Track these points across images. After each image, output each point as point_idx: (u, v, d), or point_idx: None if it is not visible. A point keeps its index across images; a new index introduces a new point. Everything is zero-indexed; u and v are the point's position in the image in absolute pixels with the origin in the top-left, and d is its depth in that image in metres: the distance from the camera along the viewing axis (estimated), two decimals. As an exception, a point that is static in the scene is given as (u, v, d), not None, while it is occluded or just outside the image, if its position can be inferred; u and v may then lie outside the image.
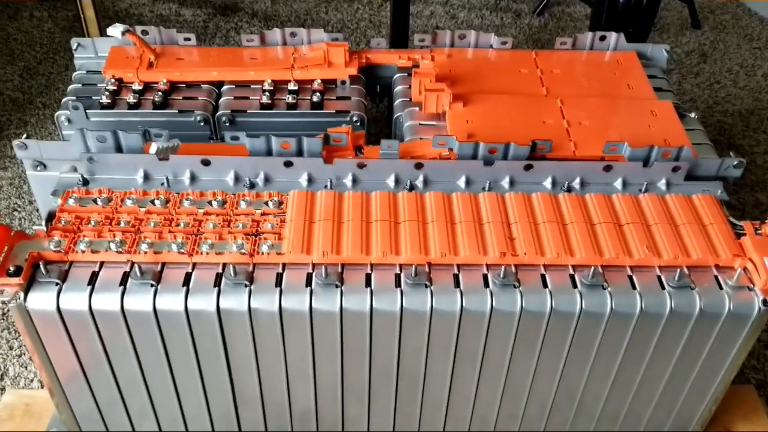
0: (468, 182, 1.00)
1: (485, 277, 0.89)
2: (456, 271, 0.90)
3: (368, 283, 0.89)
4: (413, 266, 0.88)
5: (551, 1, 2.23)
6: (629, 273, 0.90)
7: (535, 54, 1.25)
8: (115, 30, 1.18)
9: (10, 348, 1.28)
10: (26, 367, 1.25)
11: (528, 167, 0.99)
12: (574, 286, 0.88)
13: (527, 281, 0.89)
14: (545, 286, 0.88)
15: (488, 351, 0.92)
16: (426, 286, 0.88)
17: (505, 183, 1.00)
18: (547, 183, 1.00)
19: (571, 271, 0.90)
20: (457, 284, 0.88)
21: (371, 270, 0.90)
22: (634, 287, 0.88)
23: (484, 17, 2.21)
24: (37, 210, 1.54)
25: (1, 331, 1.31)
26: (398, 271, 0.90)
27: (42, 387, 1.23)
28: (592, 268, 0.88)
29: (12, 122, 1.79)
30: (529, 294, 0.88)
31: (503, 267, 0.88)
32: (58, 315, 0.88)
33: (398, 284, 0.88)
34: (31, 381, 1.24)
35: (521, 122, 1.09)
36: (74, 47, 1.27)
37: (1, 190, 1.61)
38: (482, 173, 1.00)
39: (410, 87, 1.20)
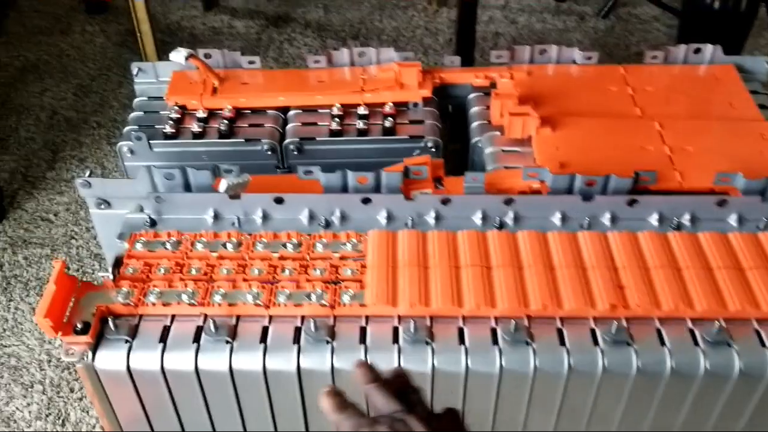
0: (564, 219, 0.91)
1: (593, 332, 0.80)
2: (559, 325, 0.81)
3: (461, 340, 0.80)
4: (512, 320, 0.80)
5: (617, 2, 2.11)
6: (756, 327, 0.80)
7: (623, 69, 1.15)
8: (178, 55, 1.12)
9: (71, 390, 1.24)
10: (88, 412, 1.21)
11: (632, 202, 0.90)
12: (695, 343, 0.79)
13: (641, 338, 0.79)
14: (662, 343, 0.79)
15: (596, 412, 0.84)
16: (527, 343, 0.79)
17: (606, 220, 0.91)
18: (653, 219, 0.91)
19: (690, 325, 0.80)
20: (562, 341, 0.80)
21: (464, 323, 0.82)
22: (763, 344, 0.78)
23: (546, 21, 2.11)
24: (95, 238, 1.50)
25: (62, 372, 1.27)
26: (494, 325, 0.81)
27: (105, 432, 1.18)
28: (715, 322, 0.78)
29: (67, 143, 1.75)
30: (644, 352, 0.78)
31: (614, 322, 0.79)
32: (128, 374, 0.82)
33: (495, 341, 0.80)
34: (93, 427, 1.19)
35: (617, 149, 0.99)
36: (134, 72, 1.21)
37: (58, 217, 1.57)
38: (580, 209, 0.91)
39: (488, 108, 1.11)
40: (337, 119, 1.11)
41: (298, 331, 0.82)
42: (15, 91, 1.92)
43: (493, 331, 0.81)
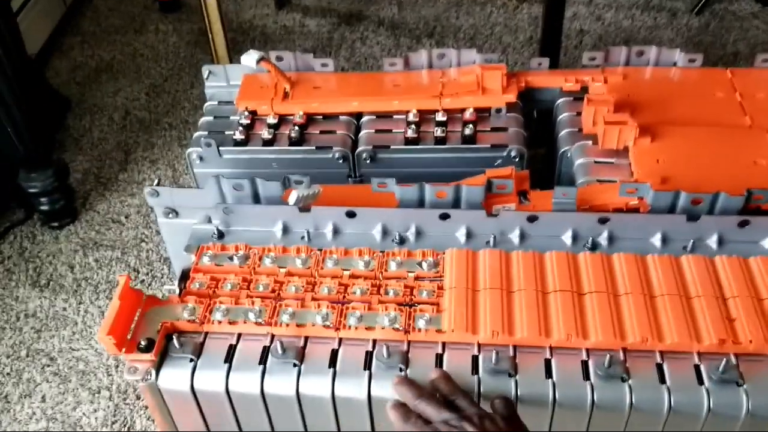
0: (665, 240, 0.83)
1: (698, 369, 0.72)
2: (659, 360, 0.73)
3: (549, 373, 0.73)
4: (606, 353, 0.72)
5: (711, -4, 1.97)
6: None
7: (730, 73, 1.05)
8: (250, 58, 1.08)
9: (138, 398, 1.22)
10: (154, 421, 1.18)
11: (743, 223, 0.80)
12: (819, 385, 0.69)
13: (754, 377, 0.70)
14: (779, 384, 0.70)
15: (698, 458, 0.75)
16: (623, 379, 0.71)
17: (713, 242, 0.82)
18: (767, 243, 0.81)
19: (812, 366, 0.71)
20: (662, 378, 0.71)
21: (551, 355, 0.74)
22: None
23: (635, 18, 1.99)
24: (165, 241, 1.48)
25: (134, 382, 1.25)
26: (585, 358, 0.74)
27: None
28: (844, 364, 0.69)
29: (139, 144, 1.75)
30: (756, 393, 0.69)
31: (723, 358, 0.70)
32: (191, 394, 0.78)
33: (587, 376, 0.72)
34: (160, 438, 1.16)
35: (726, 163, 0.90)
36: (205, 75, 1.18)
37: (129, 219, 1.56)
38: (683, 230, 0.82)
39: (579, 115, 1.03)
40: (413, 126, 1.05)
41: (369, 355, 0.77)
42: (90, 91, 1.93)
43: (585, 365, 0.73)
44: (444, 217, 0.86)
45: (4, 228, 1.56)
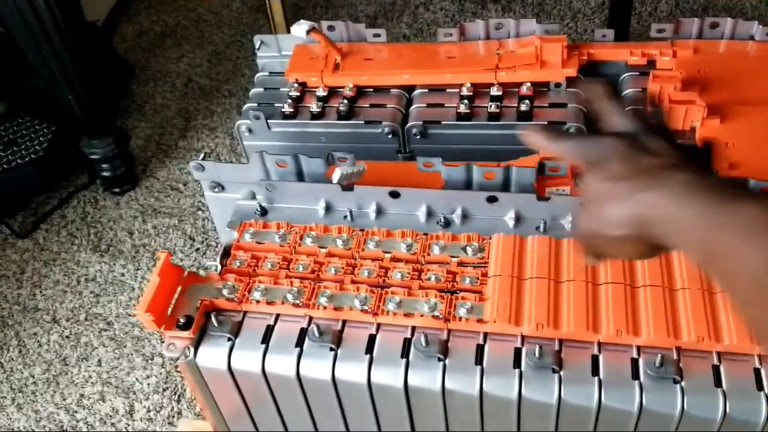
0: (729, 232, 0.77)
1: (757, 373, 0.67)
2: (716, 362, 0.68)
3: (595, 371, 0.69)
4: (658, 352, 0.68)
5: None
6: None
7: (815, 47, 0.96)
8: (300, 29, 1.05)
9: (189, 367, 1.24)
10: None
11: (818, 216, 0.74)
12: None
13: (820, 385, 0.65)
14: None
15: (755, 467, 0.70)
16: (675, 381, 0.67)
17: (783, 235, 0.75)
18: None
19: None
20: (718, 382, 0.67)
21: (599, 351, 0.70)
22: None
23: (716, -17, 1.87)
24: (220, 210, 1.49)
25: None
26: (635, 355, 0.69)
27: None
28: None
29: (200, 111, 1.76)
30: (824, 405, 0.64)
31: (785, 364, 0.65)
32: (228, 373, 0.78)
33: (636, 375, 0.68)
34: (207, 408, 1.18)
35: (803, 148, 0.82)
36: (257, 45, 1.16)
37: (187, 187, 1.58)
38: (750, 221, 0.76)
39: (644, 91, 0.96)
40: (466, 101, 1.00)
41: (407, 343, 0.74)
42: (154, 57, 1.95)
43: (635, 363, 0.69)
44: (492, 199, 0.82)
45: (68, 193, 1.60)
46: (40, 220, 1.55)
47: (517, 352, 0.72)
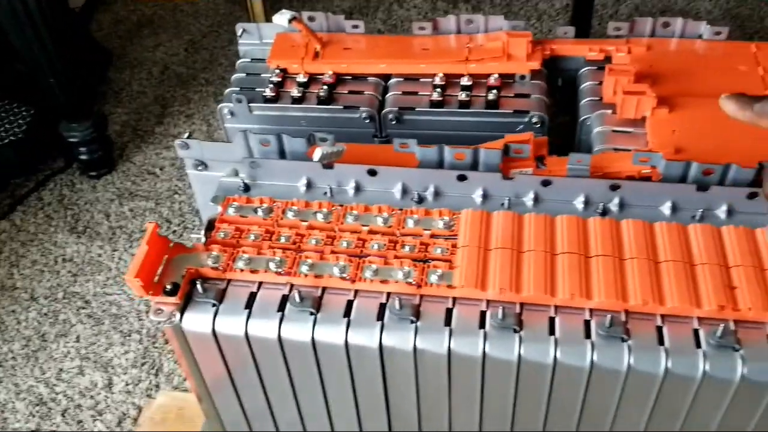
0: (674, 209, 0.85)
1: (696, 333, 0.75)
2: (660, 323, 0.76)
3: (552, 330, 0.76)
4: (608, 314, 0.75)
5: (755, -34, 1.94)
6: None
7: (755, 47, 1.05)
8: (282, 17, 1.11)
9: (166, 342, 1.28)
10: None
11: (752, 195, 0.82)
12: (814, 354, 0.71)
13: (750, 342, 0.73)
14: (774, 351, 0.72)
15: (690, 419, 0.78)
16: (623, 339, 0.75)
17: (722, 212, 0.84)
18: (776, 215, 0.83)
19: (809, 335, 0.73)
20: (661, 340, 0.74)
21: (556, 314, 0.78)
22: None
23: (672, -13, 1.97)
24: (198, 193, 1.54)
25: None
26: (588, 317, 0.77)
27: (194, 386, 1.22)
28: (840, 335, 0.71)
29: (176, 99, 1.80)
30: (753, 360, 0.72)
31: (721, 324, 0.73)
32: (213, 337, 0.83)
33: (588, 334, 0.76)
34: (185, 379, 1.23)
35: (741, 136, 0.90)
36: (239, 33, 1.22)
37: (164, 171, 1.62)
38: (693, 199, 0.84)
39: (601, 84, 1.04)
40: (438, 89, 1.07)
41: (382, 307, 0.81)
42: (131, 45, 1.99)
43: (587, 324, 0.76)
44: (461, 178, 0.89)
45: (45, 176, 1.63)
46: (16, 202, 1.58)
47: (483, 315, 0.78)
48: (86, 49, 1.82)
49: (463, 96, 1.06)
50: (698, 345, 0.74)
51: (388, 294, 0.81)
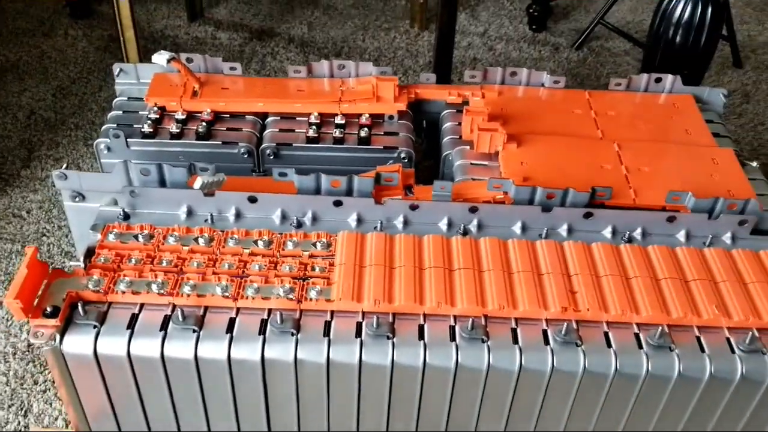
0: (524, 228, 0.96)
1: (545, 333, 0.85)
2: (514, 326, 0.85)
3: (421, 336, 0.84)
4: (469, 319, 0.84)
5: (590, 35, 2.19)
6: (697, 334, 0.85)
7: (588, 94, 1.21)
8: (161, 57, 1.16)
9: (35, 383, 1.24)
10: (51, 404, 1.21)
11: (588, 215, 0.95)
12: (640, 346, 0.83)
13: (590, 339, 0.84)
14: (609, 345, 0.83)
15: (545, 411, 0.87)
16: (483, 341, 0.83)
17: (563, 230, 0.96)
18: (607, 232, 0.95)
19: (636, 330, 0.85)
20: (515, 340, 0.84)
21: (424, 321, 0.85)
22: (702, 350, 0.83)
23: (522, 50, 2.18)
24: (66, 236, 1.51)
25: (26, 365, 1.27)
26: (453, 323, 0.85)
27: (67, 426, 1.19)
28: (659, 327, 0.83)
29: (44, 143, 1.76)
30: (592, 353, 0.83)
31: (565, 323, 0.83)
32: (94, 359, 0.84)
33: (453, 338, 0.84)
34: (56, 419, 1.20)
35: (578, 166, 1.05)
36: (116, 72, 1.24)
37: (30, 214, 1.58)
38: (539, 219, 0.95)
39: (460, 124, 1.16)
40: (314, 127, 1.15)
41: (264, 323, 0.85)
42: (-6, 90, 1.93)
43: (452, 329, 0.85)
44: (338, 203, 0.96)
45: None
46: None
47: (359, 325, 0.85)
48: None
49: (337, 133, 1.14)
50: (547, 342, 0.83)
51: (270, 310, 0.86)
